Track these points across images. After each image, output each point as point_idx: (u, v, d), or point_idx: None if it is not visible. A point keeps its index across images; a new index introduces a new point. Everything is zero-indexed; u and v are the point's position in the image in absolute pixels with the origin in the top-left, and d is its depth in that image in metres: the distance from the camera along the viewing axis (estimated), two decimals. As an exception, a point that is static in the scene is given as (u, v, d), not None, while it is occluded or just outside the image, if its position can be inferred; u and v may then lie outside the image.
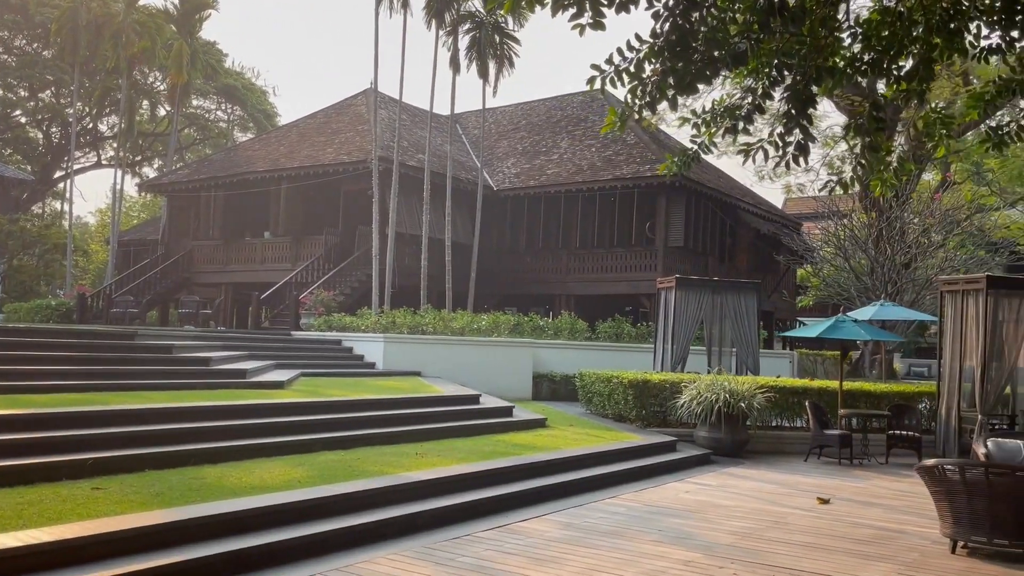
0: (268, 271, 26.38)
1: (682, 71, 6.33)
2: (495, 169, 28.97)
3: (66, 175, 44.80)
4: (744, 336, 18.97)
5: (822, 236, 25.72)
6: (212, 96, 48.09)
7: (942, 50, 6.86)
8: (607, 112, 28.75)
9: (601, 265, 25.85)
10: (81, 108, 43.20)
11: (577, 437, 11.98)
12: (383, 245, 22.55)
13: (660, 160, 24.71)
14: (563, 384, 19.66)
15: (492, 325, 20.19)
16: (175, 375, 11.71)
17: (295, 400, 10.70)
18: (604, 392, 14.88)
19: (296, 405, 10.41)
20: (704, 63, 6.40)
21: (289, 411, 10.18)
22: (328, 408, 10.65)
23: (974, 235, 24.03)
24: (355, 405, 11.06)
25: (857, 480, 11.16)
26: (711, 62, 6.37)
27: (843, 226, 23.65)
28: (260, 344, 17.85)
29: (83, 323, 24.90)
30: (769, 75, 6.85)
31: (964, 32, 6.93)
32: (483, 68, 24.74)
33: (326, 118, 29.58)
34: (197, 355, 12.89)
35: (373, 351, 18.37)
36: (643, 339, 22.11)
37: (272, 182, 26.25)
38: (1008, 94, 7.37)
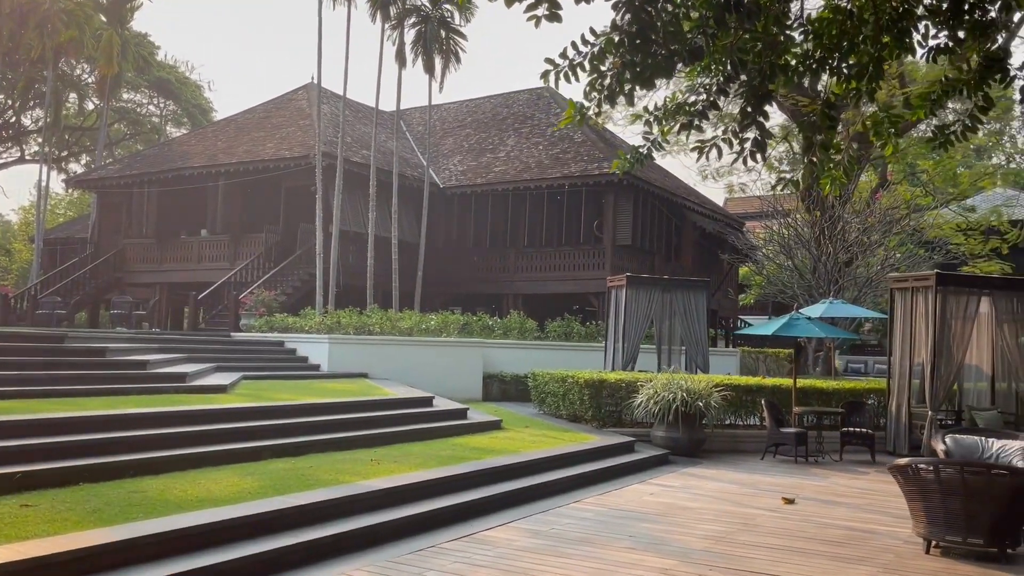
0: (205, 270, 25.45)
1: (642, 64, 6.20)
2: (441, 166, 28.52)
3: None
4: (694, 334, 18.96)
5: (766, 234, 25.99)
6: (144, 90, 46.42)
7: (891, 49, 6.85)
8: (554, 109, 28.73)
9: (549, 264, 25.63)
10: (3, 100, 41.27)
11: (534, 439, 11.68)
12: (327, 243, 21.91)
13: (608, 158, 24.64)
14: (513, 384, 19.37)
15: (441, 325, 19.78)
16: (110, 380, 11.01)
17: (240, 405, 10.15)
18: (559, 392, 14.61)
19: (242, 410, 9.87)
20: (665, 57, 6.27)
21: (234, 417, 9.64)
22: (276, 413, 10.13)
23: (912, 234, 24.54)
24: (304, 409, 10.54)
25: (816, 478, 11.11)
26: (671, 56, 6.26)
27: (787, 224, 23.90)
28: (199, 346, 17.10)
29: (6, 325, 23.64)
30: (724, 71, 6.79)
31: (913, 31, 6.90)
32: (429, 63, 24.27)
33: (266, 113, 28.71)
34: (133, 358, 12.18)
35: (318, 353, 17.79)
36: (592, 338, 21.97)
37: (209, 178, 25.31)
38: (955, 94, 7.44)
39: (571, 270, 25.21)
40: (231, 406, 9.96)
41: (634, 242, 24.74)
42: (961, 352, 13.33)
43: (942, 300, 13.24)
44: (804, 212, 24.40)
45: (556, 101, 30.25)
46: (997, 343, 14.29)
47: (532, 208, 25.98)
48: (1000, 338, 14.03)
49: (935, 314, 13.17)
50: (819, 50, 6.99)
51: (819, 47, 6.95)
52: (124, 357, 12.22)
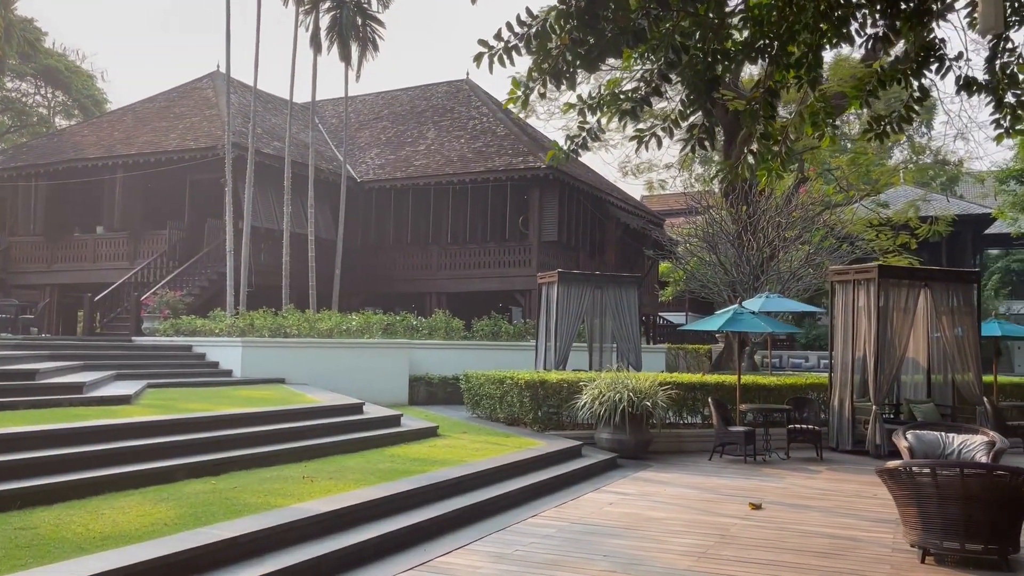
0: (103, 270, 23.54)
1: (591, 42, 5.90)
2: (358, 160, 27.30)
3: None
4: (626, 331, 18.51)
5: (689, 229, 25.88)
6: (30, 78, 43.20)
7: (830, 37, 6.66)
8: (474, 103, 27.77)
9: (474, 261, 24.79)
10: None
11: (477, 446, 10.84)
12: (238, 240, 20.47)
13: (533, 152, 24.00)
14: (441, 387, 18.48)
15: (363, 326, 18.70)
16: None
17: (148, 418, 8.94)
18: (496, 394, 13.82)
19: (150, 424, 8.67)
20: (613, 36, 5.97)
21: (142, 432, 8.45)
22: (190, 426, 8.97)
23: (830, 230, 24.82)
24: (222, 421, 9.41)
25: (772, 480, 10.66)
26: (618, 35, 5.94)
27: (711, 219, 23.79)
28: (97, 353, 15.60)
29: None
30: (667, 56, 6.47)
31: (850, 20, 6.75)
32: (345, 51, 23.06)
33: (168, 102, 26.85)
34: (20, 367, 10.73)
35: (229, 357, 16.50)
36: (521, 337, 21.28)
37: (106, 170, 23.41)
38: (892, 83, 7.16)
39: (496, 267, 24.44)
40: (137, 420, 8.75)
41: (560, 238, 24.17)
42: (902, 345, 13.20)
43: (884, 292, 13.08)
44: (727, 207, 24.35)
45: (476, 94, 29.44)
46: (932, 335, 14.30)
47: (455, 203, 25.10)
48: (938, 330, 14.02)
49: (877, 307, 13.00)
50: (760, 38, 6.73)
51: (758, 34, 6.70)
52: (8, 366, 10.75)
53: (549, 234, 23.98)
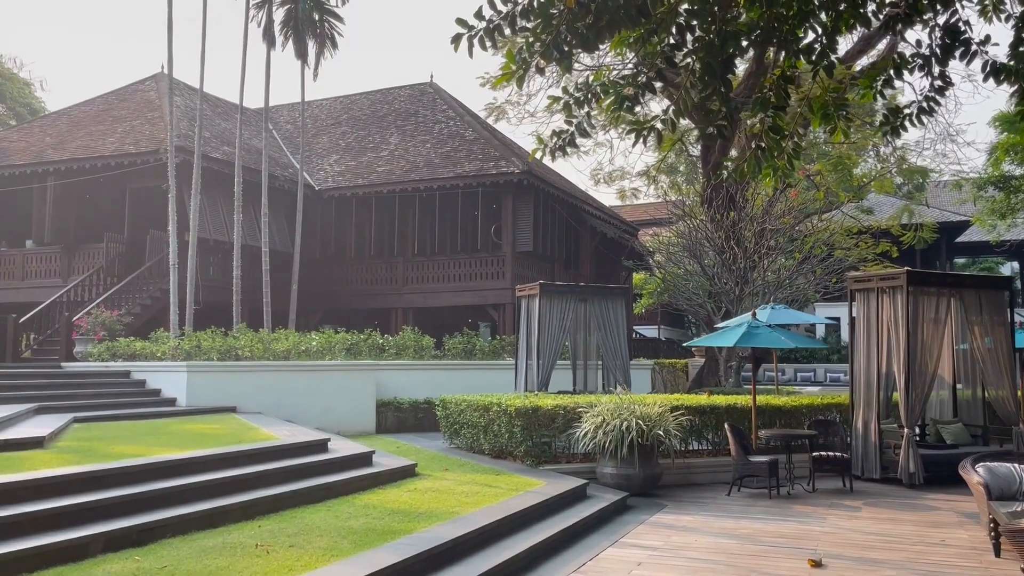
0: (32, 288, 21.35)
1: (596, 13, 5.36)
2: (315, 167, 25.45)
3: None
4: (613, 347, 17.00)
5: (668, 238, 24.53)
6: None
7: (846, 19, 6.16)
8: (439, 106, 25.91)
9: (443, 274, 23.08)
10: None
11: (464, 489, 9.15)
12: (183, 253, 18.50)
13: (505, 157, 22.47)
14: (411, 412, 16.75)
15: (324, 346, 16.88)
16: None
17: (60, 471, 7.08)
18: (479, 423, 12.12)
19: (61, 480, 6.82)
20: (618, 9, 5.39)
21: (49, 490, 6.60)
22: (112, 479, 7.14)
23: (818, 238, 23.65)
24: (153, 470, 7.58)
25: (811, 520, 9.14)
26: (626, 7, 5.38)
27: (693, 226, 22.44)
28: (16, 383, 13.60)
29: None
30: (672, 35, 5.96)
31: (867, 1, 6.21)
32: (301, 47, 21.28)
33: (106, 105, 24.74)
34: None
35: (173, 384, 14.65)
36: (497, 355, 19.62)
37: (35, 178, 21.27)
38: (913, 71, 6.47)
39: (468, 280, 22.76)
40: (46, 474, 6.89)
41: (535, 248, 22.61)
42: (934, 360, 11.83)
43: (914, 301, 11.71)
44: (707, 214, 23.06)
45: (441, 97, 27.82)
46: (958, 347, 12.99)
47: (422, 212, 23.40)
48: (965, 341, 12.72)
49: (907, 317, 11.62)
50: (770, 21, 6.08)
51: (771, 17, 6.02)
52: None
53: (523, 244, 22.40)
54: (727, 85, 6.43)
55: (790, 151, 6.95)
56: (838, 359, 31.41)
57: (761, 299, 21.98)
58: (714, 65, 5.82)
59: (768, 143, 6.59)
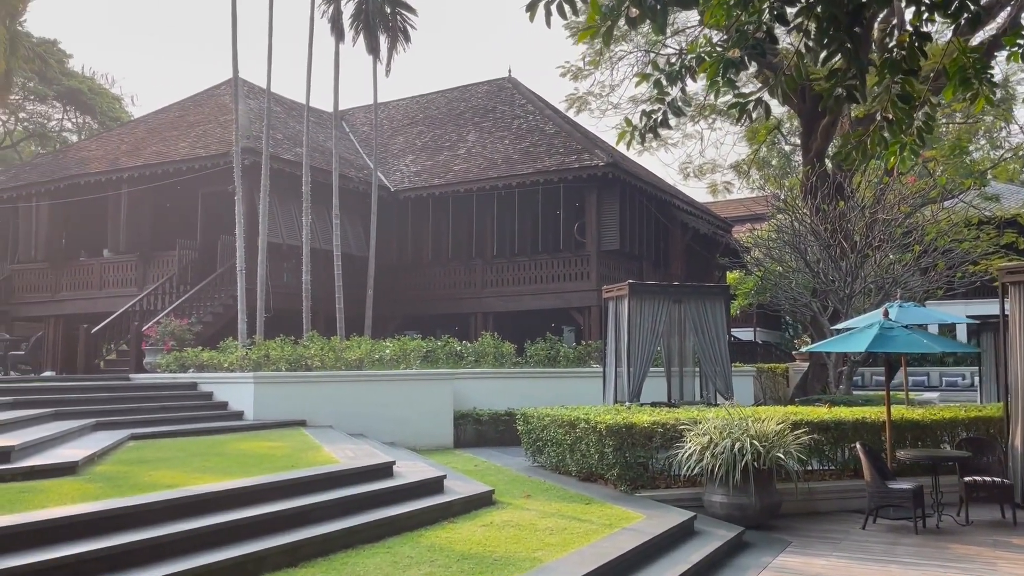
0: (110, 298, 21.03)
1: None
2: (391, 168, 24.55)
3: None
4: (712, 352, 15.30)
5: (767, 232, 22.63)
6: (54, 102, 41.52)
7: None
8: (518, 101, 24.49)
9: (524, 276, 21.79)
10: None
11: (549, 524, 7.76)
12: (252, 258, 17.75)
13: (588, 150, 21.03)
14: (491, 425, 15.49)
15: (398, 354, 15.77)
16: None
17: (75, 511, 6.00)
18: (565, 441, 10.73)
19: (64, 523, 5.72)
20: None
21: (55, 535, 5.52)
22: (132, 519, 6.03)
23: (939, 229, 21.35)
24: (185, 505, 6.47)
25: (981, 568, 7.39)
26: None
27: (796, 218, 20.51)
28: (79, 396, 12.91)
29: None
30: None
31: None
32: (372, 41, 20.34)
33: (182, 111, 24.45)
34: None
35: (240, 396, 13.78)
36: (582, 362, 18.18)
37: (110, 185, 20.98)
38: None
39: (550, 281, 21.40)
40: (58, 513, 5.82)
41: (622, 246, 21.07)
42: (1113, 365, 9.82)
43: (1086, 295, 9.74)
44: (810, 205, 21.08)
45: (520, 92, 26.58)
46: None
47: (501, 211, 22.16)
48: None
49: (1078, 315, 9.67)
50: None
51: None
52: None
53: (609, 242, 20.90)
54: (856, 40, 5.46)
55: (920, 124, 6.25)
56: (953, 362, 28.69)
57: (874, 297, 19.95)
58: (839, 16, 5.23)
59: (896, 114, 5.87)
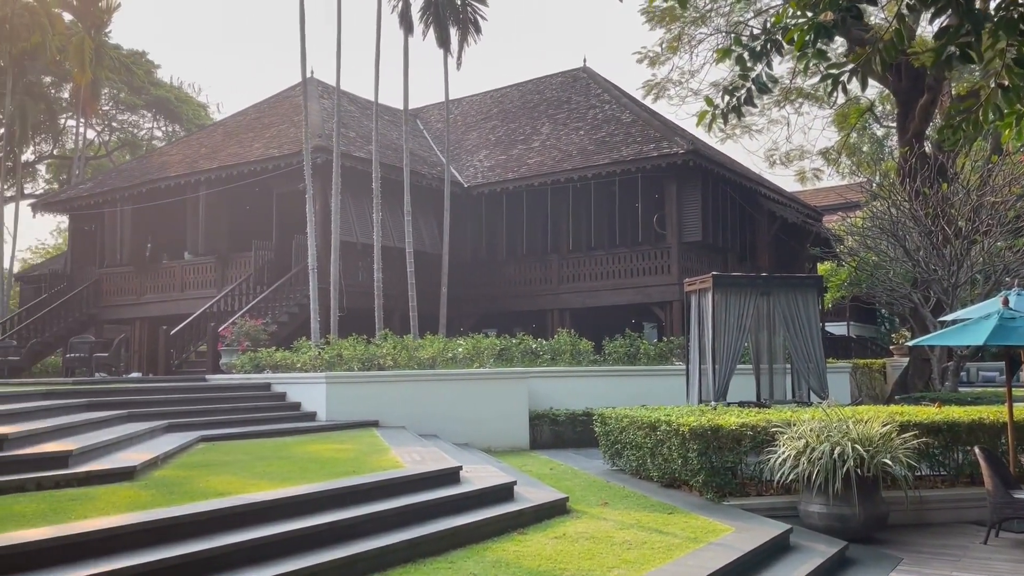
0: (190, 300, 21.28)
1: None
2: (464, 164, 24.17)
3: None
4: (804, 348, 14.28)
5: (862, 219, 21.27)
6: (143, 111, 42.86)
7: None
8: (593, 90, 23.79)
9: (601, 270, 21.06)
10: None
11: (628, 536, 7.09)
12: (325, 257, 17.58)
13: (667, 137, 20.14)
14: (568, 425, 14.84)
15: (471, 352, 15.29)
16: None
17: (115, 523, 5.65)
18: (645, 444, 10.03)
19: (112, 535, 5.38)
20: None
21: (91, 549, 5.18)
22: (177, 530, 5.65)
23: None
24: (233, 515, 6.07)
25: None
26: None
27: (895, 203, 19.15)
28: (153, 398, 12.86)
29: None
30: None
31: None
32: (442, 34, 19.97)
33: (258, 113, 24.65)
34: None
35: (312, 397, 13.56)
36: (664, 359, 17.35)
37: (188, 188, 21.23)
38: None
39: (629, 276, 20.61)
40: (96, 526, 5.48)
41: (704, 238, 20.12)
42: None
43: None
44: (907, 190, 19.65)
45: (595, 81, 25.82)
46: None
47: (577, 204, 21.48)
48: None
49: None
50: None
51: None
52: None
53: (691, 233, 19.98)
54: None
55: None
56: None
57: (981, 287, 18.47)
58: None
59: (1012, 81, 5.34)
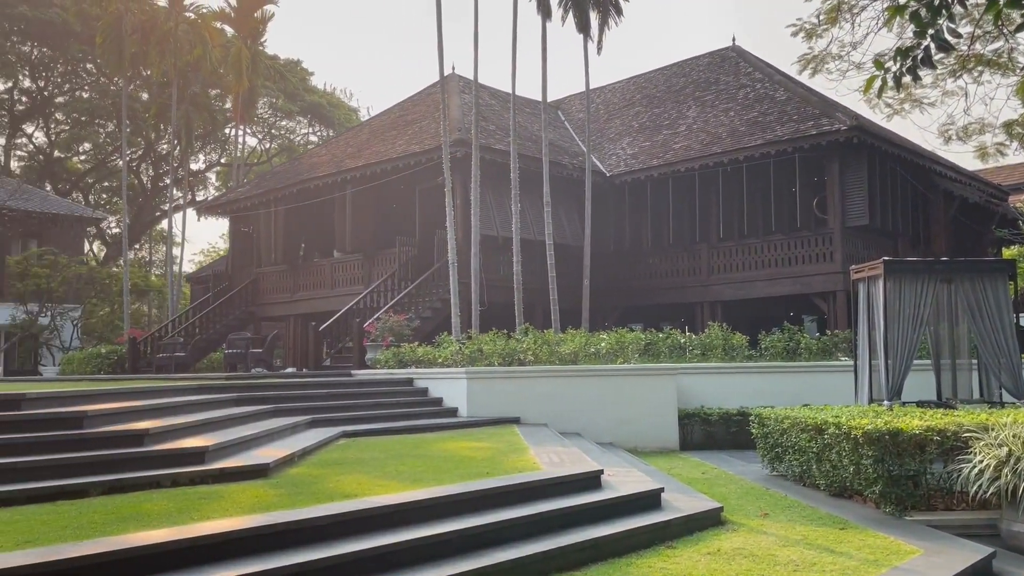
0: (339, 297, 21.74)
1: None
2: (606, 152, 23.42)
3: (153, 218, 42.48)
4: (993, 341, 12.56)
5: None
6: (298, 117, 44.83)
7: None
8: (744, 69, 22.25)
9: (755, 260, 19.75)
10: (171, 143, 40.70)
11: (793, 556, 6.21)
12: (465, 251, 17.37)
13: (827, 114, 18.57)
14: (722, 426, 13.84)
15: (615, 347, 14.59)
16: (44, 472, 6.72)
17: (233, 526, 5.37)
18: (810, 448, 9.00)
19: (228, 539, 5.10)
20: None
21: (208, 554, 4.93)
22: (294, 537, 5.32)
23: None
24: (359, 521, 5.70)
25: None
26: None
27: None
28: (300, 392, 13.00)
29: (135, 371, 21.07)
30: None
31: None
32: (582, 19, 19.30)
33: (402, 111, 24.93)
34: (125, 428, 7.85)
35: (453, 392, 13.32)
36: (828, 354, 15.93)
37: (336, 187, 21.66)
38: None
39: (786, 264, 19.20)
40: (214, 529, 5.25)
41: (871, 221, 18.40)
42: None
43: None
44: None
45: (746, 60, 24.37)
46: None
47: (727, 190, 20.26)
48: None
49: None
50: None
51: None
52: (115, 427, 7.92)
53: (856, 217, 18.33)
54: None
55: None
56: None
57: None
58: None
59: None
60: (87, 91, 39.84)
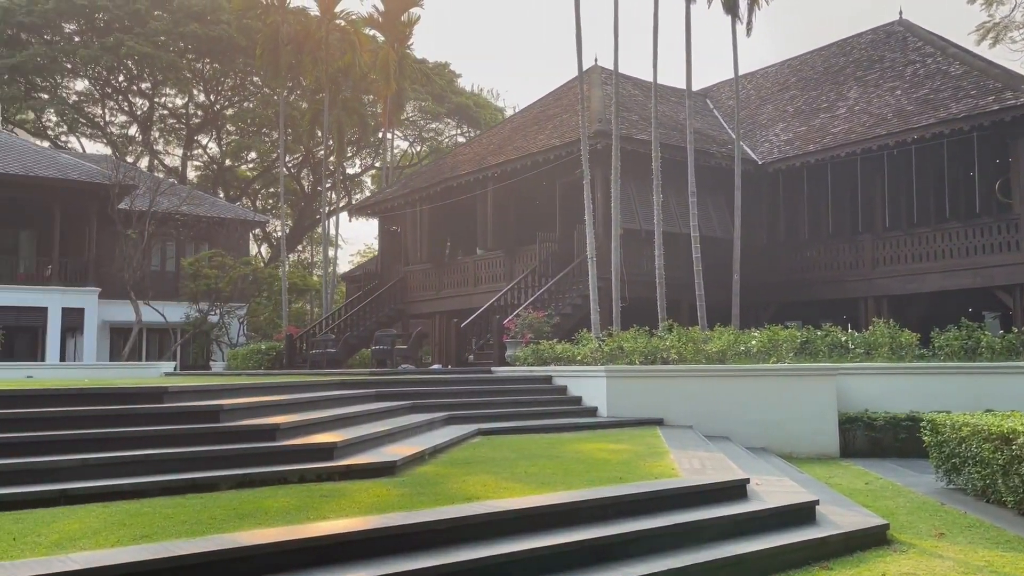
0: (482, 294, 21.75)
1: None
2: (758, 140, 22.18)
3: (315, 220, 44.57)
4: None
5: None
6: (446, 119, 45.69)
7: None
8: (913, 44, 19.96)
9: (926, 250, 18.04)
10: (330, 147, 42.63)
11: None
12: (605, 246, 16.84)
13: (1010, 87, 16.70)
14: (888, 431, 12.60)
15: (766, 345, 13.65)
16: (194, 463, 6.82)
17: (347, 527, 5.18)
18: (994, 460, 7.90)
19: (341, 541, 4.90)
20: None
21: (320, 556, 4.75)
22: (408, 542, 5.06)
23: None
24: (478, 526, 5.38)
25: None
26: None
27: None
28: (440, 388, 13.02)
29: (291, 367, 22.02)
30: None
31: None
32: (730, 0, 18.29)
33: (544, 107, 24.68)
34: (260, 422, 7.91)
35: (593, 391, 12.90)
36: (1014, 354, 14.22)
37: (477, 185, 21.69)
38: None
39: (962, 255, 17.42)
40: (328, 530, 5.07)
41: (1066, 205, 16.36)
42: None
43: None
44: None
45: (914, 34, 22.40)
46: None
47: (893, 175, 18.62)
48: None
49: None
50: None
51: None
52: (249, 421, 8.01)
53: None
54: None
55: None
56: None
57: None
58: None
59: None
60: (253, 102, 42.32)
